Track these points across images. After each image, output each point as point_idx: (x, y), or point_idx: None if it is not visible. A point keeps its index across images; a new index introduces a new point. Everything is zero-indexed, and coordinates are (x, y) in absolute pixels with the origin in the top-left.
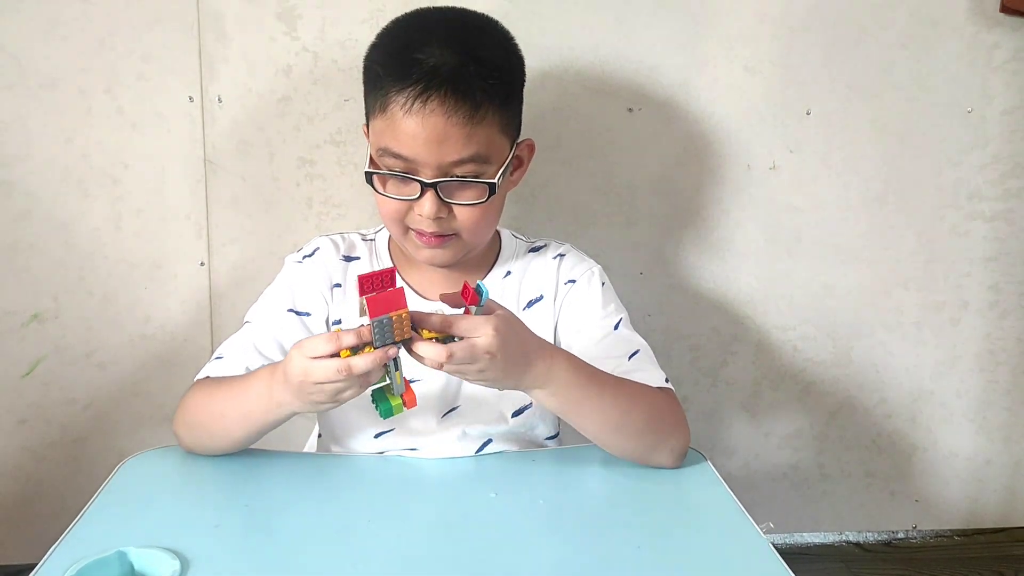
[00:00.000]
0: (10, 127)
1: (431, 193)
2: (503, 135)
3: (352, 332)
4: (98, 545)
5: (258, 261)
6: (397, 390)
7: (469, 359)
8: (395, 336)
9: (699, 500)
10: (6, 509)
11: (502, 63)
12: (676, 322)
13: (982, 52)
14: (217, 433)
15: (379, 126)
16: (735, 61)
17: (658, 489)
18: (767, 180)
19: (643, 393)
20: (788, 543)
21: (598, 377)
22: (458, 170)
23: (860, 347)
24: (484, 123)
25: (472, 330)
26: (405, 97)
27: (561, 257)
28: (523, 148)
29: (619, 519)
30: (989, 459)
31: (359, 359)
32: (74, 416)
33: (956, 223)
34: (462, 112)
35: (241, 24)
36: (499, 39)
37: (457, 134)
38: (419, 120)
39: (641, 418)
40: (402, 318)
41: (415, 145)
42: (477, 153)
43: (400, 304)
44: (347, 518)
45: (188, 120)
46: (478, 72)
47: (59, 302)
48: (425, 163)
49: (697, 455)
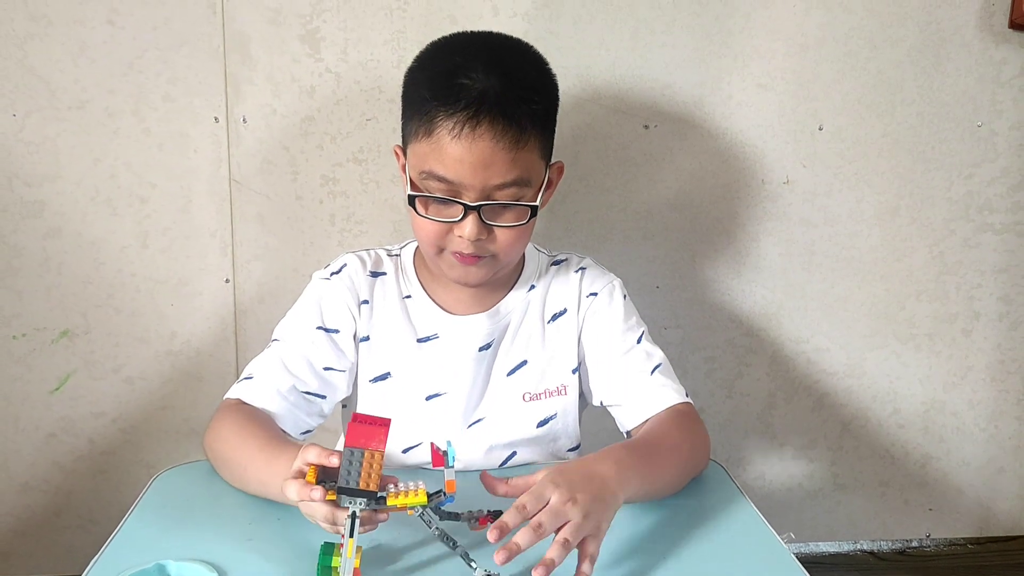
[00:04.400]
0: (40, 148)
1: (474, 216)
2: (541, 159)
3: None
4: (136, 558)
5: (282, 278)
6: (344, 571)
7: (557, 518)
8: (360, 479)
9: (721, 510)
10: (36, 521)
11: (541, 87)
12: (692, 335)
13: (991, 68)
14: (236, 480)
15: (423, 149)
16: (749, 78)
17: (680, 500)
18: (781, 194)
19: (679, 436)
20: (803, 552)
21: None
22: (500, 193)
23: (873, 358)
24: (527, 147)
25: (539, 499)
26: (454, 122)
27: (583, 271)
28: (554, 170)
29: (643, 529)
30: (1001, 468)
31: (292, 485)
32: (102, 430)
33: (967, 235)
34: (509, 137)
35: (266, 46)
36: (537, 63)
37: (503, 159)
38: (467, 145)
39: (688, 461)
40: (374, 458)
41: (461, 169)
42: (520, 177)
43: (380, 442)
44: (377, 531)
45: (213, 140)
46: (522, 96)
47: (88, 319)
48: (470, 186)
49: (717, 467)
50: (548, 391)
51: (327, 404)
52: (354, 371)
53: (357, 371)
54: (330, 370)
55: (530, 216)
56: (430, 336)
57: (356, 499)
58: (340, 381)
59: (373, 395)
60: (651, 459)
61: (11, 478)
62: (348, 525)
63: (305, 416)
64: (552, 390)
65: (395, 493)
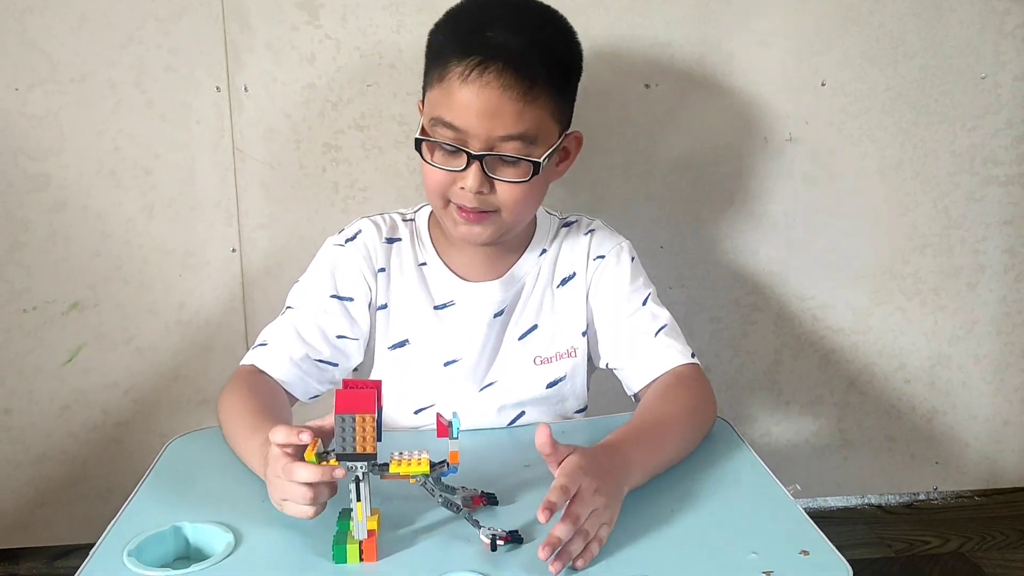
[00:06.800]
0: (44, 121)
1: (476, 166)
2: (554, 121)
3: (294, 430)
4: (152, 522)
5: (288, 246)
6: (357, 532)
7: (588, 505)
8: (356, 445)
9: (728, 466)
10: (53, 491)
11: (563, 51)
12: (697, 294)
13: (994, 18)
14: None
15: (435, 96)
16: (750, 35)
17: (689, 456)
18: (784, 152)
19: (683, 408)
20: (811, 507)
21: (651, 430)
22: (506, 146)
23: (879, 314)
24: (537, 104)
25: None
26: (464, 67)
27: (592, 232)
28: (571, 140)
29: (652, 486)
30: (1007, 420)
31: (301, 467)
32: (115, 401)
33: (971, 189)
34: (517, 88)
35: (264, 14)
36: (563, 29)
37: (510, 109)
38: (475, 90)
39: (691, 432)
40: (365, 421)
41: (468, 115)
42: (526, 131)
43: (369, 406)
44: (388, 490)
45: (216, 110)
46: (538, 56)
47: (97, 291)
48: (475, 135)
49: (724, 424)
50: (559, 354)
51: (339, 371)
52: (367, 339)
53: (371, 339)
54: (343, 338)
55: (533, 173)
56: (446, 303)
57: (356, 464)
58: (353, 349)
59: (391, 362)
60: (659, 444)
61: (28, 450)
62: (354, 490)
63: (316, 383)
64: (563, 352)
65: (398, 461)
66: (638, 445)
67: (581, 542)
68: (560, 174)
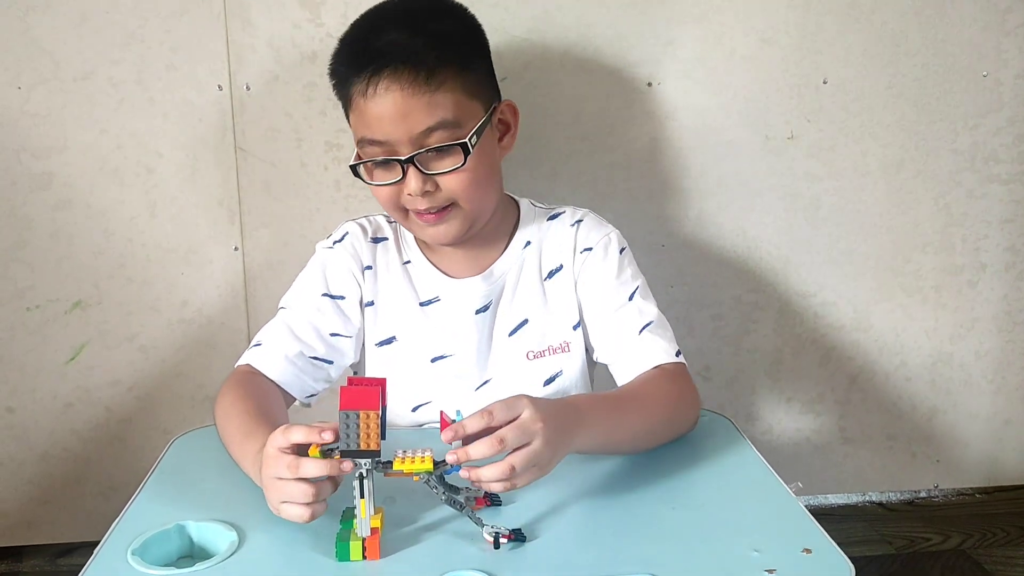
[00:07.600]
0: (47, 120)
1: (412, 169)
2: (471, 99)
3: (315, 428)
4: (156, 520)
5: (290, 244)
6: (360, 530)
7: (522, 436)
8: (360, 441)
9: (730, 464)
10: (56, 489)
11: (453, 29)
12: (698, 292)
13: (995, 16)
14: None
15: (353, 120)
16: (751, 33)
17: (690, 454)
18: (785, 149)
19: (657, 392)
20: (812, 504)
21: (615, 399)
22: (431, 139)
23: (880, 311)
24: (443, 88)
25: (512, 409)
26: (362, 82)
27: (579, 223)
28: (503, 110)
29: (654, 483)
30: (1008, 419)
31: (308, 461)
32: (119, 398)
33: (973, 187)
34: (416, 81)
35: (266, 12)
36: (449, 9)
37: (417, 104)
38: (379, 99)
39: (663, 418)
40: (369, 418)
41: (383, 125)
42: (444, 119)
43: (373, 403)
44: (390, 488)
45: (218, 108)
46: (426, 43)
47: (100, 289)
48: (399, 141)
49: (725, 421)
50: (552, 348)
51: (334, 369)
52: (361, 337)
53: (364, 336)
54: (337, 336)
55: (465, 155)
56: (431, 299)
57: (361, 460)
58: (347, 347)
59: (380, 358)
60: (618, 411)
61: (31, 448)
62: (358, 487)
63: (312, 381)
64: (555, 347)
65: (402, 458)
66: (595, 408)
67: (498, 473)
68: (507, 148)
